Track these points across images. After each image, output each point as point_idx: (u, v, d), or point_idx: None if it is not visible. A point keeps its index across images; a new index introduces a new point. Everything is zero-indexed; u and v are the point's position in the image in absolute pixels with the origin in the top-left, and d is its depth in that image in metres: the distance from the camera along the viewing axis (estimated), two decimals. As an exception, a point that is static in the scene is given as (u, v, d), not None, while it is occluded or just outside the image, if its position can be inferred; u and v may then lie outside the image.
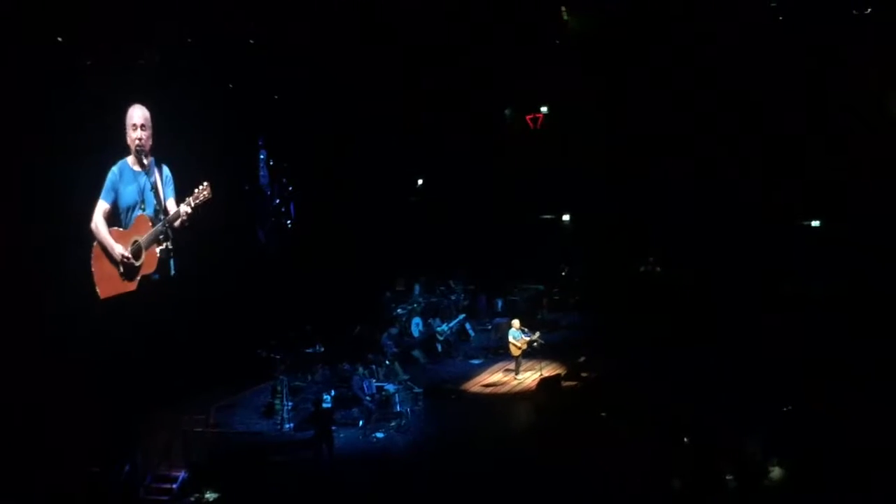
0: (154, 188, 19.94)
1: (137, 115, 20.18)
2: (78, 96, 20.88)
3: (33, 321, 20.52)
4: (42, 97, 20.49)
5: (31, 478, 19.41)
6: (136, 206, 20.21)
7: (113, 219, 20.52)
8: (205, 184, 19.90)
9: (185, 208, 20.01)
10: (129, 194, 19.92)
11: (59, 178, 20.48)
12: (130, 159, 19.70)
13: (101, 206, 19.99)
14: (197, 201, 19.95)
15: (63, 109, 20.48)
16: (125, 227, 20.37)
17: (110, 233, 20.60)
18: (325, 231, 30.61)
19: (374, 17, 28.52)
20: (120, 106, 20.57)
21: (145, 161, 20.04)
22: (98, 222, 20.35)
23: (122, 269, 20.60)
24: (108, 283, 20.45)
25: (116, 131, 20.54)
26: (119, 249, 20.11)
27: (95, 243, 20.32)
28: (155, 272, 20.94)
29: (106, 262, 20.40)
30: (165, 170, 20.71)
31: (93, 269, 20.39)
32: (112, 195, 19.89)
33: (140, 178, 19.63)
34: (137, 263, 20.45)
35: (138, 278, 20.88)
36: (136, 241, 20.17)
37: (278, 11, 25.80)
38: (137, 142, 19.86)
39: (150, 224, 20.42)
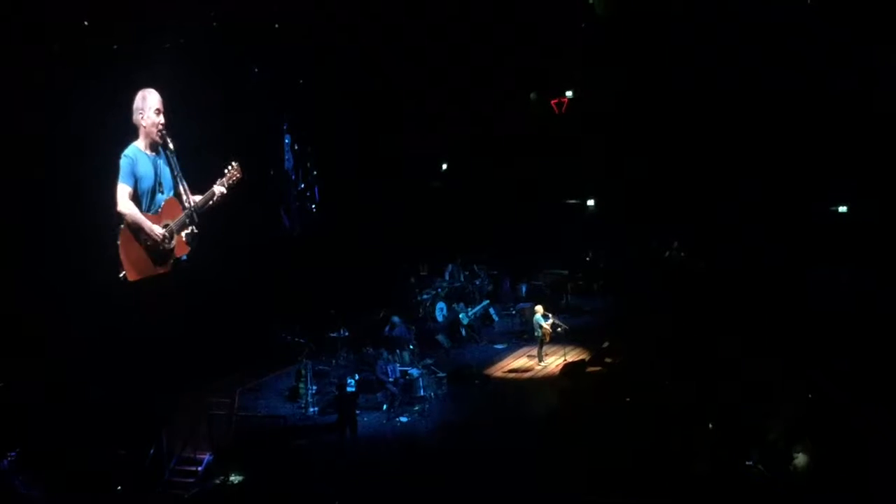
0: (172, 172, 19.93)
1: (157, 99, 20.14)
2: (105, 80, 20.95)
3: (60, 305, 20.66)
4: (68, 81, 20.59)
5: (59, 460, 19.59)
6: (154, 191, 20.18)
7: (135, 203, 20.50)
8: (235, 164, 19.95)
9: (219, 189, 19.99)
10: (146, 178, 19.86)
11: (80, 163, 20.60)
12: (141, 143, 19.65)
13: (125, 190, 19.88)
14: (231, 181, 19.99)
15: (88, 93, 20.56)
16: (149, 212, 20.38)
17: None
18: (350, 215, 30.64)
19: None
20: (137, 90, 20.58)
21: (159, 146, 20.03)
22: (129, 205, 20.24)
23: (156, 253, 20.58)
24: (137, 268, 20.45)
25: (129, 115, 20.54)
26: (158, 230, 20.14)
27: (123, 227, 20.29)
28: (184, 255, 20.98)
29: (136, 246, 20.35)
30: (169, 154, 20.61)
31: (121, 254, 20.38)
32: (132, 179, 19.77)
33: (156, 162, 19.55)
34: (170, 247, 20.48)
35: (171, 261, 20.90)
36: (167, 225, 20.16)
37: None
38: (160, 126, 19.83)
39: (181, 208, 20.39)
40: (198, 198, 19.58)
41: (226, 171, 19.67)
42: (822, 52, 28.37)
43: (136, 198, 19.88)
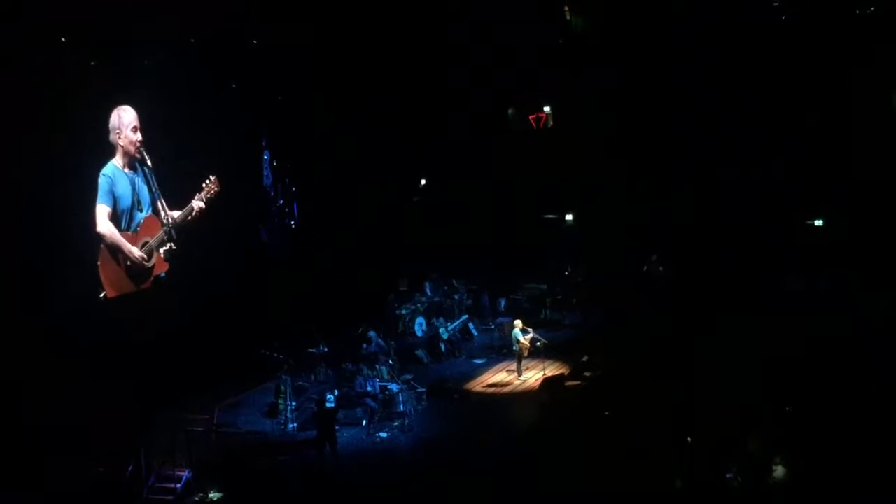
0: (150, 189, 19.89)
1: (133, 116, 20.07)
2: (83, 97, 20.91)
3: (37, 323, 20.57)
4: (46, 98, 20.54)
5: (36, 478, 19.46)
6: (132, 209, 20.12)
7: (114, 223, 20.43)
8: (212, 178, 19.97)
9: (198, 203, 20.01)
10: (125, 197, 19.80)
11: (58, 182, 20.56)
12: (119, 162, 19.57)
13: (104, 210, 19.79)
14: (209, 195, 20.01)
15: (66, 112, 20.52)
16: (128, 230, 20.30)
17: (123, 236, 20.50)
18: (329, 231, 30.63)
19: (377, 16, 28.61)
20: (114, 107, 20.52)
21: (137, 163, 19.97)
22: (108, 226, 20.13)
23: (135, 272, 20.50)
24: (117, 287, 20.38)
25: (105, 133, 20.49)
26: (137, 252, 20.07)
27: (102, 247, 20.21)
28: (163, 273, 20.92)
29: (115, 267, 20.29)
30: (147, 171, 20.54)
31: (101, 274, 20.31)
32: (111, 199, 19.68)
33: (133, 180, 19.52)
34: (149, 265, 20.42)
35: (151, 279, 20.84)
36: (146, 243, 20.10)
37: (281, 11, 25.89)
38: (138, 144, 19.76)
39: (160, 225, 20.34)
40: (176, 213, 19.54)
41: (203, 185, 19.67)
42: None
43: (115, 217, 19.79)
